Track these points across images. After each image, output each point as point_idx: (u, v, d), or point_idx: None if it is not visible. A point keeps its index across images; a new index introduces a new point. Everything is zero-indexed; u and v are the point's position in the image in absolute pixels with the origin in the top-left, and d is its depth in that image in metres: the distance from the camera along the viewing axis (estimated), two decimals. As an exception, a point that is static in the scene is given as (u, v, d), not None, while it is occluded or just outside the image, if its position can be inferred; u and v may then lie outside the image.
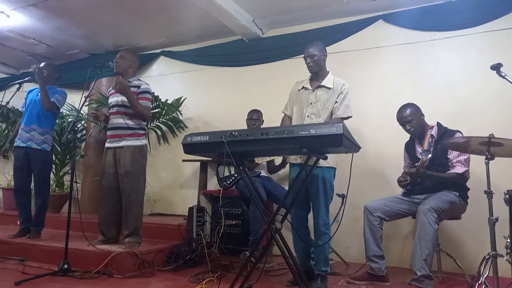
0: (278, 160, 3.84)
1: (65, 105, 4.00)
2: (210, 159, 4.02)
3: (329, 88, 2.75)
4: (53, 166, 4.26)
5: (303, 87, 2.85)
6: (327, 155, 2.54)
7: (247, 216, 3.61)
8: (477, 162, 2.70)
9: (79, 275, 2.77)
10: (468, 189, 2.79)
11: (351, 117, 2.75)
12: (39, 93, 3.56)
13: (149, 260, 3.04)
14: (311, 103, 2.76)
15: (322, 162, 2.62)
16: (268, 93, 4.26)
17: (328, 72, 2.83)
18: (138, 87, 3.28)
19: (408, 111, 2.87)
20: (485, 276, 2.18)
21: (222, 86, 4.65)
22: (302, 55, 2.85)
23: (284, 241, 2.37)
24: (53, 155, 3.93)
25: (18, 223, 3.69)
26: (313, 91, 2.78)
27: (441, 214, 2.53)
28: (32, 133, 3.58)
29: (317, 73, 2.80)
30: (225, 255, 3.46)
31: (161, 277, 2.88)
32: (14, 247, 3.33)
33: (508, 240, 2.23)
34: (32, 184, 3.73)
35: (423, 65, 3.68)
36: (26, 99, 3.79)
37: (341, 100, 2.71)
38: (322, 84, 2.77)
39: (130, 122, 3.24)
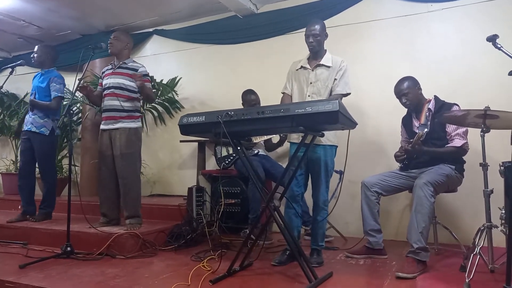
0: (275, 138, 3.84)
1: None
2: (207, 139, 4.02)
3: (328, 67, 2.73)
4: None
5: (301, 67, 2.81)
6: (327, 132, 2.54)
7: (246, 195, 3.64)
8: (473, 135, 2.71)
9: (82, 257, 2.81)
10: (464, 162, 2.81)
11: (350, 93, 2.74)
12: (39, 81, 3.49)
13: (151, 241, 3.08)
14: (311, 83, 2.74)
15: (324, 140, 2.63)
16: (264, 71, 4.22)
17: (326, 50, 2.81)
18: (136, 70, 3.25)
19: (405, 84, 2.85)
20: (480, 246, 2.22)
21: (217, 65, 4.59)
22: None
23: (282, 218, 2.40)
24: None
25: (19, 207, 3.72)
26: (313, 70, 2.76)
27: (437, 187, 2.56)
28: (33, 117, 3.60)
29: (316, 52, 2.77)
30: (225, 234, 3.51)
31: (163, 256, 2.93)
32: (17, 232, 3.37)
33: (503, 211, 2.27)
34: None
35: (419, 38, 3.63)
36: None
37: (340, 76, 2.71)
38: (321, 63, 2.74)
39: (125, 104, 3.23)
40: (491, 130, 2.32)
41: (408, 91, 2.83)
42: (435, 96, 2.89)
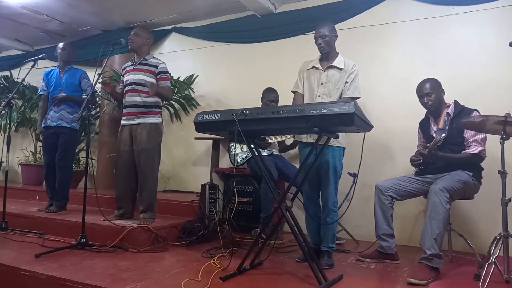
0: (289, 140, 3.83)
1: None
2: (222, 137, 4.03)
3: (340, 69, 2.73)
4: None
5: (313, 67, 2.82)
6: (338, 134, 2.53)
7: (258, 194, 3.65)
8: (491, 141, 2.66)
9: (96, 249, 2.86)
10: (482, 169, 2.75)
11: (359, 97, 2.73)
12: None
13: (163, 235, 3.12)
14: (322, 83, 2.75)
15: (333, 141, 2.62)
16: (280, 70, 4.20)
17: (338, 53, 2.82)
18: (156, 66, 3.30)
19: (429, 84, 2.81)
20: (496, 256, 2.17)
21: (234, 63, 4.61)
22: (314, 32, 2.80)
23: (294, 218, 2.40)
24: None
25: (37, 197, 3.81)
26: (324, 71, 2.76)
27: (453, 194, 2.51)
28: (61, 112, 3.71)
29: (327, 54, 2.78)
30: (237, 232, 3.53)
31: (174, 251, 2.96)
32: (34, 221, 3.45)
33: (521, 221, 2.22)
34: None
35: (439, 42, 3.57)
36: (44, 81, 3.87)
37: (351, 80, 2.72)
38: (333, 64, 2.75)
39: (147, 100, 3.27)
40: (511, 137, 2.27)
41: (431, 92, 2.79)
42: (455, 100, 2.84)
